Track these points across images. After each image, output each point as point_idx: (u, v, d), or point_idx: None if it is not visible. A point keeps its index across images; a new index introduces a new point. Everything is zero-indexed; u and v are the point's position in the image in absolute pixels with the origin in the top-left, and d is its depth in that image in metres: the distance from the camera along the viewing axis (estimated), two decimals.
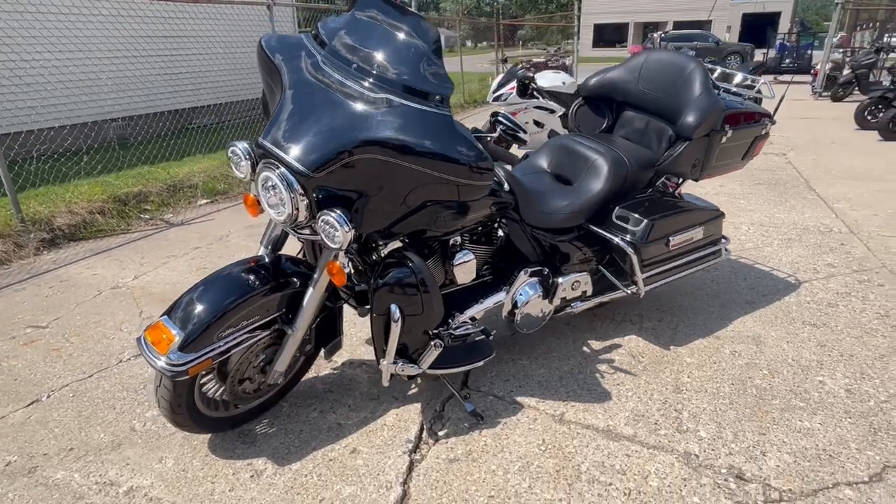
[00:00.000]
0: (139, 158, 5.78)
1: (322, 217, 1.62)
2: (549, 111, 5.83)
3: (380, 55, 1.70)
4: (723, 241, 2.71)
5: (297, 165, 1.58)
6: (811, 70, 12.76)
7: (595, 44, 34.00)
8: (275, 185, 1.64)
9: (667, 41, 20.44)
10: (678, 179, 2.69)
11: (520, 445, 2.02)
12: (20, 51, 5.80)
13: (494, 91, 5.73)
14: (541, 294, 2.31)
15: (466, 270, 2.07)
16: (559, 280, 2.34)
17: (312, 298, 1.88)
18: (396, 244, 2.01)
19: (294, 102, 1.70)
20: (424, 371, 1.99)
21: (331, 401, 2.29)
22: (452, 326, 2.15)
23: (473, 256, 2.07)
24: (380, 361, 1.94)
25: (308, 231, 1.81)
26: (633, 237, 2.31)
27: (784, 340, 2.64)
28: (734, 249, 3.68)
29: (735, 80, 2.74)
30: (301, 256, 2.22)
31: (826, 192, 5.04)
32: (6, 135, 5.40)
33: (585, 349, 2.62)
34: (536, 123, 5.99)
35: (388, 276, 1.81)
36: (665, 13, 32.06)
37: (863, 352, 2.53)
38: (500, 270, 2.36)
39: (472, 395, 2.31)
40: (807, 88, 11.98)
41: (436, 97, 1.65)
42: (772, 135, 2.82)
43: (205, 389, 1.93)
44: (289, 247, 2.13)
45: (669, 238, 2.39)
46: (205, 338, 1.71)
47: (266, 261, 1.96)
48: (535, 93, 5.54)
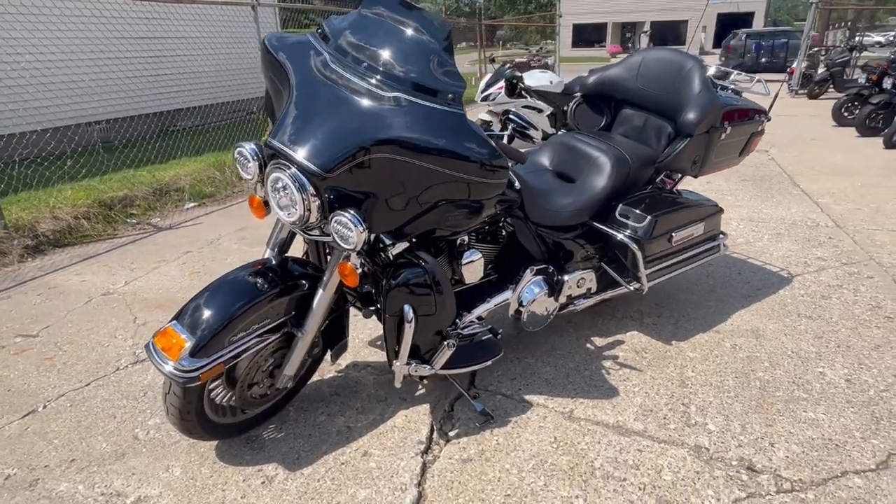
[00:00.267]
0: (124, 162, 5.66)
1: (335, 218, 1.60)
2: (538, 110, 5.86)
3: (390, 53, 1.68)
4: (721, 237, 2.75)
5: (310, 165, 1.55)
6: (787, 68, 13.02)
7: (574, 44, 34.32)
8: (286, 186, 1.61)
9: (752, 38, 17.46)
10: (676, 176, 2.72)
11: (532, 444, 2.02)
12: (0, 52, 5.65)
13: (483, 91, 5.74)
14: (546, 292, 2.31)
15: (474, 269, 2.06)
16: (565, 278, 2.35)
17: (322, 300, 1.85)
18: (403, 244, 2.00)
19: (303, 102, 1.67)
20: (436, 371, 1.98)
21: (338, 404, 2.27)
22: (460, 326, 2.14)
23: (481, 255, 2.06)
24: (392, 363, 1.92)
25: (317, 232, 1.78)
26: (637, 233, 2.33)
27: (782, 333, 2.68)
28: None
29: (730, 78, 2.78)
30: (304, 258, 2.19)
31: (810, 188, 5.14)
32: None
33: (589, 346, 2.63)
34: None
35: (401, 277, 1.79)
36: (642, 13, 32.49)
37: (859, 342, 2.59)
38: (505, 269, 2.35)
39: (481, 395, 2.30)
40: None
41: (448, 95, 1.64)
42: None
43: (213, 395, 1.89)
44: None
45: (672, 234, 2.42)
46: (216, 343, 1.67)
47: (273, 263, 1.93)
48: (524, 92, 5.58)
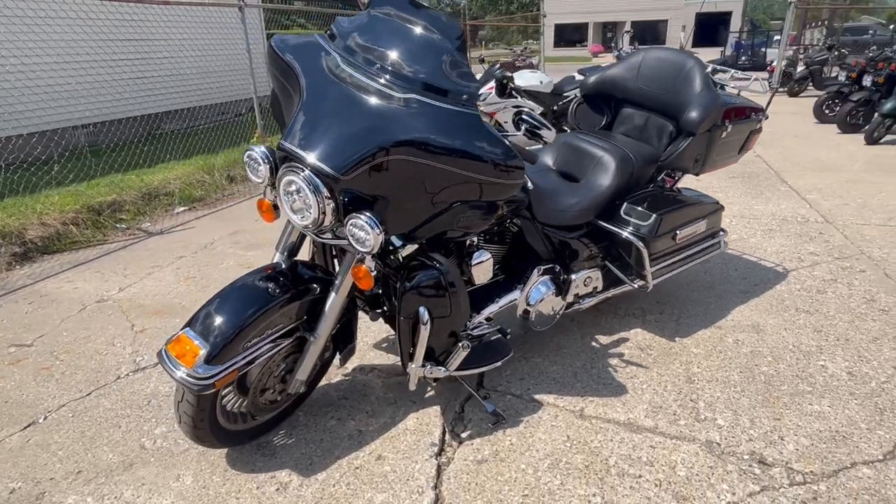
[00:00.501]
0: (111, 166, 5.55)
1: (351, 221, 1.58)
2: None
3: (403, 54, 1.67)
4: (721, 234, 2.78)
5: (324, 168, 1.54)
6: (767, 67, 13.25)
7: (556, 43, 34.52)
8: (299, 190, 1.59)
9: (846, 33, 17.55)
10: (676, 175, 2.75)
11: (545, 443, 2.02)
12: None
13: None
14: (554, 291, 2.32)
15: (484, 270, 2.06)
16: (572, 277, 2.36)
17: (335, 304, 1.84)
18: (412, 246, 1.99)
19: (315, 104, 1.65)
20: (451, 373, 1.97)
21: (347, 408, 2.25)
22: (469, 327, 2.14)
23: (490, 256, 2.06)
24: (407, 365, 1.91)
25: (330, 235, 1.77)
26: (643, 231, 2.35)
27: (782, 328, 2.73)
28: None
29: (728, 76, 2.81)
30: (312, 261, 2.17)
31: (797, 184, 5.24)
32: None
33: (594, 344, 2.64)
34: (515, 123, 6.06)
35: (416, 279, 1.79)
36: (623, 13, 32.81)
37: (857, 335, 2.64)
38: (513, 269, 2.36)
39: (490, 395, 2.30)
40: (764, 85, 12.43)
41: (462, 96, 1.64)
42: None
43: (224, 402, 1.86)
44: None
45: (676, 232, 2.44)
46: (230, 349, 1.65)
47: (283, 267, 1.90)
48: (514, 93, 5.59)
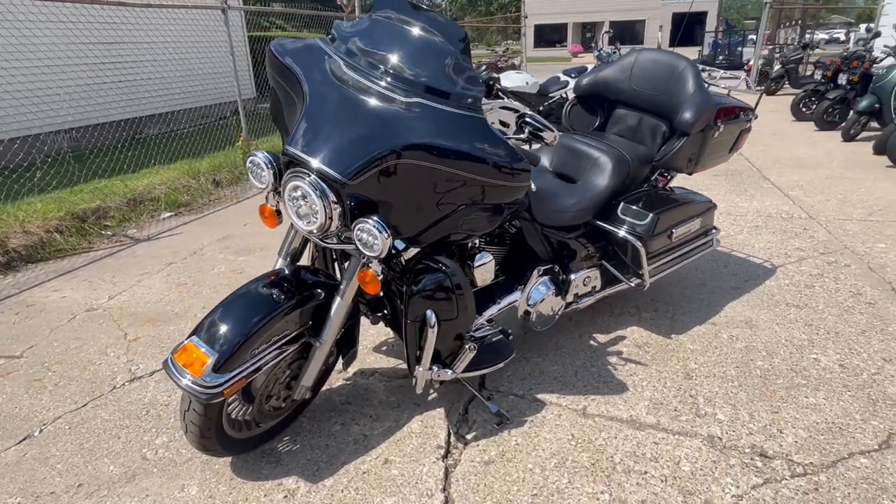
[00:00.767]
0: (95, 172, 5.45)
1: (359, 225, 1.58)
2: (514, 111, 5.93)
3: (407, 57, 1.67)
4: (713, 231, 2.83)
5: (331, 172, 1.53)
6: (744, 66, 13.51)
7: (536, 44, 34.72)
8: (306, 195, 1.59)
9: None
10: (669, 174, 2.79)
11: (551, 442, 2.04)
12: None
13: None
14: (554, 291, 2.34)
15: (486, 272, 2.06)
16: (571, 277, 2.39)
17: (340, 308, 1.83)
18: (414, 249, 1.99)
19: (320, 108, 1.65)
20: (457, 375, 1.98)
21: (351, 412, 2.24)
22: (472, 329, 2.14)
23: (492, 257, 2.07)
24: (414, 369, 1.91)
25: (335, 240, 1.76)
26: (640, 230, 2.39)
27: (774, 322, 2.79)
28: None
29: (718, 77, 2.87)
30: (313, 266, 2.16)
31: (780, 181, 5.35)
32: None
33: (592, 343, 2.67)
34: (502, 124, 6.09)
35: (423, 283, 1.79)
36: (602, 13, 33.16)
37: (846, 329, 2.71)
38: (512, 270, 2.37)
39: (493, 396, 2.31)
40: (733, 82, 12.69)
41: (468, 99, 1.65)
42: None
43: (229, 410, 1.85)
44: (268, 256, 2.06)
45: (672, 230, 2.48)
46: (238, 357, 1.63)
47: (287, 273, 1.89)
48: (500, 94, 5.62)
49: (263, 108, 9.77)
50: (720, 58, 16.50)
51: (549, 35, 36.34)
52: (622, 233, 2.40)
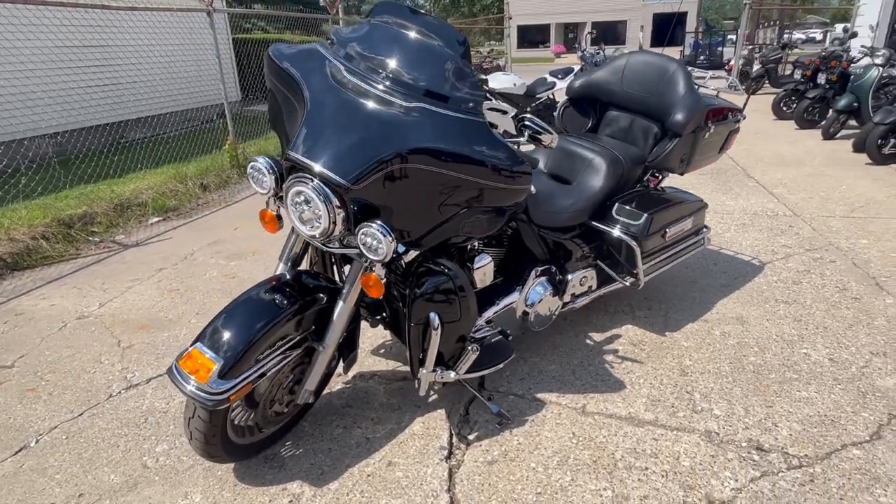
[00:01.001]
0: (80, 177, 5.36)
1: (363, 229, 1.59)
2: (502, 112, 5.96)
3: (407, 62, 1.68)
4: (704, 230, 2.89)
5: (335, 177, 1.54)
6: (725, 66, 13.72)
7: (519, 45, 34.90)
8: (309, 200, 1.59)
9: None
10: (661, 174, 2.83)
11: (552, 441, 2.06)
12: None
13: None
14: (551, 292, 2.37)
15: (486, 273, 2.08)
16: (568, 277, 2.42)
17: (343, 312, 1.84)
18: (414, 252, 2.00)
19: (321, 113, 1.65)
20: (460, 376, 1.99)
21: (352, 416, 2.24)
22: (472, 330, 2.16)
23: (491, 259, 2.09)
24: (417, 371, 1.93)
25: (337, 245, 1.77)
26: (635, 230, 2.42)
27: (764, 318, 2.84)
28: None
29: (707, 78, 2.92)
30: (312, 271, 2.17)
31: (763, 179, 5.45)
32: None
33: (588, 342, 2.71)
34: (490, 125, 6.13)
35: (426, 285, 1.80)
36: (584, 14, 33.43)
37: (834, 323, 2.78)
38: (510, 272, 2.39)
39: (494, 396, 2.33)
40: (722, 83, 12.89)
41: (469, 104, 1.67)
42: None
43: (233, 416, 1.84)
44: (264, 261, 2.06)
45: (666, 229, 2.53)
46: (243, 362, 1.63)
47: (288, 278, 1.89)
48: (488, 95, 5.66)
49: (249, 112, 9.71)
50: (701, 58, 16.73)
51: (532, 36, 36.57)
52: (617, 233, 2.44)
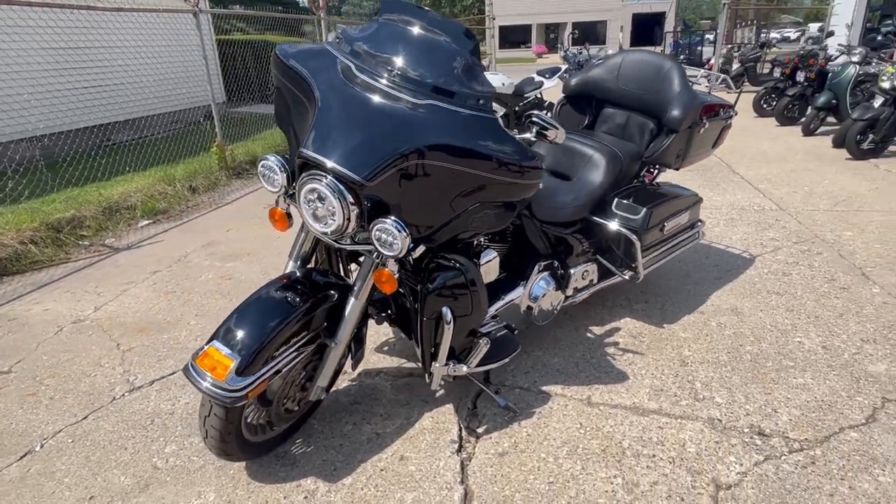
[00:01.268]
0: (68, 180, 5.28)
1: (377, 226, 1.61)
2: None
3: (417, 59, 1.70)
4: (699, 224, 2.95)
5: (349, 174, 1.55)
6: (705, 65, 13.93)
7: (501, 45, 35.02)
8: (323, 197, 1.60)
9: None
10: (656, 170, 2.90)
11: (560, 431, 2.10)
12: None
13: None
14: (554, 286, 2.41)
15: (492, 269, 2.11)
16: (570, 271, 2.46)
17: (355, 308, 1.85)
18: (422, 248, 2.02)
19: (333, 110, 1.66)
20: (472, 370, 2.02)
21: (361, 412, 2.26)
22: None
23: (497, 254, 2.12)
24: (429, 365, 1.95)
25: (349, 241, 1.78)
26: (634, 224, 2.48)
27: (758, 309, 2.92)
28: None
29: (699, 76, 2.99)
30: (320, 267, 2.17)
31: (748, 175, 5.57)
32: None
33: (589, 335, 2.75)
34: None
35: (438, 280, 1.82)
36: (565, 14, 33.71)
37: (824, 312, 2.86)
38: (513, 267, 2.43)
39: (500, 390, 2.37)
40: (702, 82, 13.10)
41: (479, 100, 1.69)
42: None
43: (246, 414, 1.85)
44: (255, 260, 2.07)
45: (664, 223, 2.58)
46: (260, 360, 1.64)
47: (299, 276, 1.91)
48: None
49: (235, 113, 9.62)
50: (681, 57, 16.98)
51: (514, 36, 36.76)
52: (617, 227, 2.49)
